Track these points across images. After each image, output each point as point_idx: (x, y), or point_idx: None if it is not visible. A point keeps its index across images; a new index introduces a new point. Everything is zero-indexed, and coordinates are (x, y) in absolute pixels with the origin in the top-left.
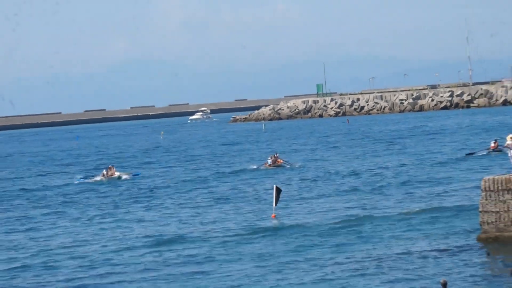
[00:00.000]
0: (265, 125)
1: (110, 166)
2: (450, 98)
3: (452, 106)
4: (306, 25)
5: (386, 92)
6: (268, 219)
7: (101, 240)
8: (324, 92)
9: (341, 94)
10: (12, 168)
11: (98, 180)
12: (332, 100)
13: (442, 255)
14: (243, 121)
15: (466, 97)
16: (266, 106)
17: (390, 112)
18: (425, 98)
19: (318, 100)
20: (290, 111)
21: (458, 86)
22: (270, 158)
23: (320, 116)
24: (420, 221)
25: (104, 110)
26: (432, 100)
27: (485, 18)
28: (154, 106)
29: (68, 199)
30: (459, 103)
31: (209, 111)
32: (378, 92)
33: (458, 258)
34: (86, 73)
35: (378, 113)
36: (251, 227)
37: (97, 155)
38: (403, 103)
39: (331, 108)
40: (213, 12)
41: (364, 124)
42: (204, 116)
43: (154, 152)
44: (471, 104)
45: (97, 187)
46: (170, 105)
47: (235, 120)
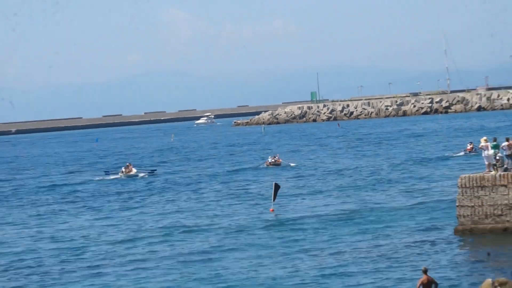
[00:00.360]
0: (264, 128)
1: (128, 164)
2: (430, 105)
3: (432, 112)
4: (301, 39)
5: (373, 99)
6: (267, 213)
7: (119, 231)
8: (318, 99)
9: (332, 101)
10: (42, 167)
11: (117, 177)
12: (324, 106)
13: (423, 245)
14: (245, 125)
15: (444, 103)
16: (265, 111)
17: (376, 117)
18: (408, 104)
19: (312, 106)
20: (287, 116)
21: (438, 94)
22: (270, 158)
23: (314, 120)
24: (404, 214)
25: (120, 115)
26: (414, 106)
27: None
28: (165, 112)
29: (91, 195)
30: (438, 109)
31: (213, 116)
32: (366, 99)
33: (437, 247)
34: (105, 82)
35: (366, 118)
36: (252, 220)
37: (117, 155)
38: (388, 109)
39: (324, 113)
40: (217, 28)
41: (353, 127)
42: (209, 121)
43: (167, 152)
44: (449, 110)
45: (116, 183)
46: (180, 110)
47: (237, 124)
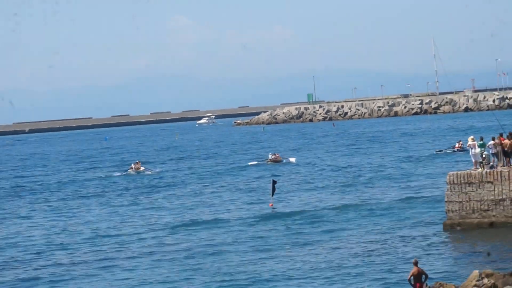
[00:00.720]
0: (264, 128)
1: (137, 161)
2: (420, 106)
3: (422, 112)
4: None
5: (366, 100)
6: (266, 207)
7: (128, 225)
8: (314, 100)
9: (328, 102)
10: (55, 163)
11: (127, 173)
12: (320, 107)
13: (414, 238)
14: (245, 124)
15: (433, 104)
16: (265, 112)
17: (369, 117)
18: (399, 105)
19: (308, 107)
20: (285, 116)
21: (427, 96)
22: (271, 155)
23: (310, 120)
24: (395, 209)
25: (128, 115)
26: (405, 107)
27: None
28: (170, 112)
29: (100, 190)
30: (427, 109)
31: (213, 116)
32: (359, 100)
33: (427, 240)
34: (113, 84)
35: (359, 118)
36: (253, 214)
37: (127, 153)
38: (380, 110)
39: (320, 114)
40: (220, 33)
41: (348, 127)
42: (210, 121)
43: (173, 150)
44: (438, 111)
45: (125, 179)
46: (184, 111)
47: (238, 124)
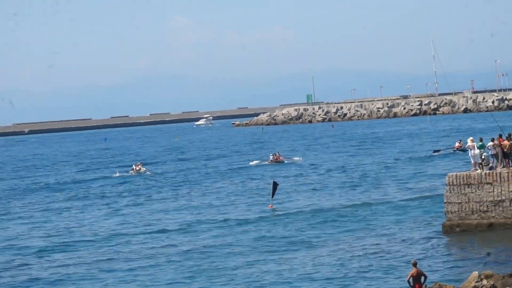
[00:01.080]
0: (263, 129)
1: (138, 163)
2: (419, 107)
3: (421, 113)
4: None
5: (365, 101)
6: (266, 209)
7: (129, 226)
8: (313, 101)
9: (327, 103)
10: (56, 165)
11: (128, 174)
12: (319, 108)
13: (413, 239)
14: (245, 125)
15: (433, 105)
16: (264, 113)
17: (368, 119)
18: (398, 106)
19: (308, 108)
20: (284, 118)
21: (426, 97)
22: (272, 155)
23: (310, 121)
24: (394, 210)
25: (127, 116)
26: (404, 108)
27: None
28: (169, 113)
29: (102, 191)
30: (427, 110)
31: (211, 117)
32: (358, 102)
33: (426, 241)
34: (112, 85)
35: (359, 119)
36: (253, 215)
37: (127, 154)
38: (379, 111)
39: (319, 115)
40: (219, 34)
41: (347, 128)
42: (208, 122)
43: (172, 151)
44: (437, 112)
45: (127, 181)
46: (183, 112)
47: (238, 125)
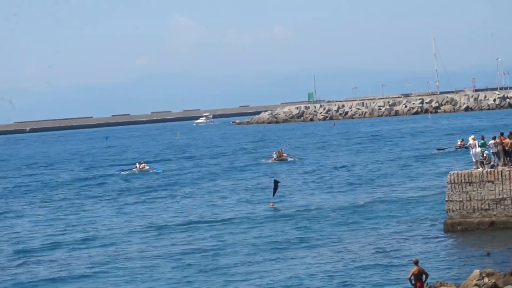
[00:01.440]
0: (264, 127)
1: (141, 162)
2: (421, 105)
3: (423, 112)
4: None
5: (367, 99)
6: (267, 207)
7: (131, 224)
8: (314, 99)
9: (328, 101)
10: (60, 163)
11: (132, 172)
12: (321, 106)
13: (414, 237)
14: (246, 124)
15: (434, 104)
16: (265, 111)
17: (370, 117)
18: (399, 104)
19: (309, 107)
20: (286, 116)
21: (428, 95)
22: (275, 153)
23: (311, 120)
24: (396, 208)
25: (129, 114)
26: (406, 107)
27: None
28: (171, 111)
29: (105, 190)
30: (428, 109)
31: (211, 116)
32: (360, 100)
33: (428, 240)
34: (114, 83)
35: (360, 117)
36: (254, 213)
37: (130, 152)
38: (381, 109)
39: (320, 113)
40: (220, 34)
41: (349, 127)
42: (207, 120)
43: (175, 149)
44: (439, 110)
45: (130, 179)
46: (184, 110)
47: (239, 123)
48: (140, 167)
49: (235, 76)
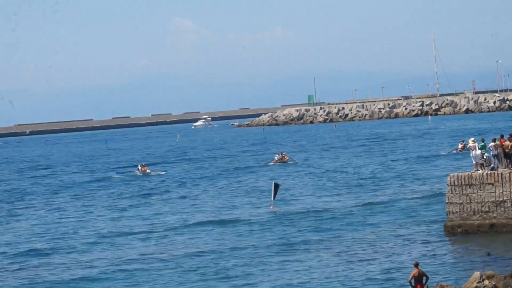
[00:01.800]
0: (264, 129)
1: (143, 164)
2: (421, 107)
3: (423, 114)
4: (299, 45)
5: (367, 102)
6: (268, 210)
7: (132, 226)
8: (314, 102)
9: (328, 104)
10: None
11: (133, 174)
12: (321, 108)
13: (415, 239)
14: (246, 126)
15: (434, 106)
16: (265, 113)
17: (370, 119)
18: (399, 107)
19: (309, 109)
20: (286, 118)
21: (428, 97)
22: (277, 155)
23: (311, 122)
24: (396, 210)
25: (129, 117)
26: (406, 109)
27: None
28: (171, 114)
29: (106, 192)
30: (428, 111)
31: (210, 118)
32: (360, 102)
33: (428, 242)
34: (114, 85)
35: (360, 119)
36: (254, 216)
37: (131, 155)
38: (381, 111)
39: (320, 115)
40: (221, 35)
41: (349, 129)
42: (206, 123)
43: (176, 152)
44: (439, 112)
45: (132, 181)
46: (185, 112)
47: (239, 126)
48: (142, 169)
49: (235, 78)
